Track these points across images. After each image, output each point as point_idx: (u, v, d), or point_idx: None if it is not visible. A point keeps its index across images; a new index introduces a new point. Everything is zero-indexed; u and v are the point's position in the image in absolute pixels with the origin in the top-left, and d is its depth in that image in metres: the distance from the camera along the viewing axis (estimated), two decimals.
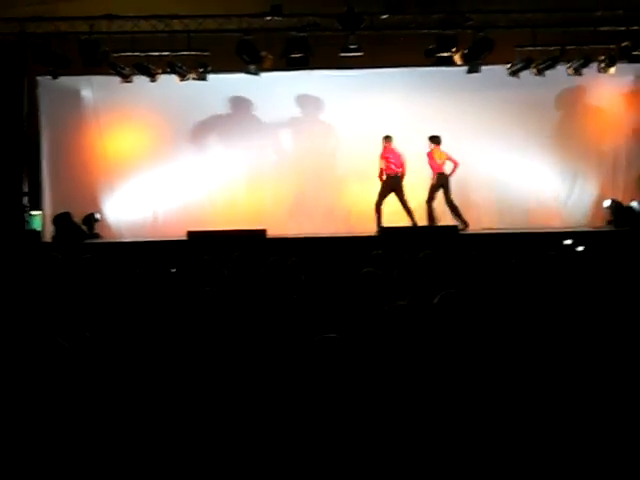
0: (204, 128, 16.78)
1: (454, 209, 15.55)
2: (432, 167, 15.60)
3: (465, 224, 15.45)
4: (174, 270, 7.91)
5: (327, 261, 8.07)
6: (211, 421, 3.94)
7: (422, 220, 15.49)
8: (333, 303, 5.97)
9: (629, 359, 4.46)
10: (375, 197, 15.57)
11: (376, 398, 3.94)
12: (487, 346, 4.56)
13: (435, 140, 15.58)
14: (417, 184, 15.73)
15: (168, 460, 3.73)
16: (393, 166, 15.43)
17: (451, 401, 3.99)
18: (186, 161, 16.69)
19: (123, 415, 3.95)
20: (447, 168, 15.53)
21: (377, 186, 15.60)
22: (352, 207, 16.48)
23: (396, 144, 15.58)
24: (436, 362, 4.35)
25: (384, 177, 15.50)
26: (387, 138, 15.55)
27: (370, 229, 15.06)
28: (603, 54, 15.38)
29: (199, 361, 4.55)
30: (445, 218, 15.58)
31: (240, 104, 16.60)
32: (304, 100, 16.70)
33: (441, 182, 15.51)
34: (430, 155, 15.60)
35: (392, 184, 15.41)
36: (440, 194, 15.58)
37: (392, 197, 15.46)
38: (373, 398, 3.93)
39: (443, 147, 15.58)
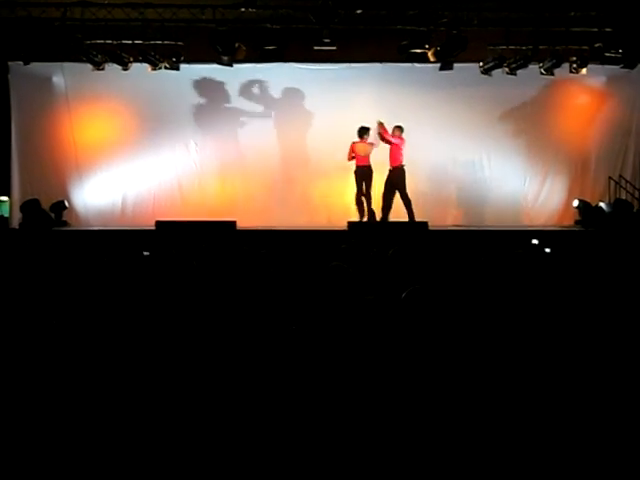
0: (175, 118, 16.68)
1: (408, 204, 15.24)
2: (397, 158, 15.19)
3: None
4: (146, 253, 7.88)
5: (296, 254, 8.06)
6: (175, 406, 3.94)
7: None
8: (301, 296, 5.97)
9: (593, 356, 4.50)
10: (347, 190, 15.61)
11: (343, 392, 3.95)
12: (452, 341, 4.58)
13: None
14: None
15: (147, 444, 3.72)
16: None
17: (417, 396, 4.00)
18: (156, 150, 16.64)
19: (87, 404, 3.93)
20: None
21: (348, 179, 15.65)
22: (323, 200, 16.49)
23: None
24: (402, 356, 4.36)
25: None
26: None
27: (340, 223, 15.04)
28: (575, 55, 15.48)
29: (167, 351, 4.54)
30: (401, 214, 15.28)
31: (212, 95, 16.57)
32: (277, 92, 16.69)
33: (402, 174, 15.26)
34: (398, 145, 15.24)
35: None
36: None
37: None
38: (340, 392, 3.94)
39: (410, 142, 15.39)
